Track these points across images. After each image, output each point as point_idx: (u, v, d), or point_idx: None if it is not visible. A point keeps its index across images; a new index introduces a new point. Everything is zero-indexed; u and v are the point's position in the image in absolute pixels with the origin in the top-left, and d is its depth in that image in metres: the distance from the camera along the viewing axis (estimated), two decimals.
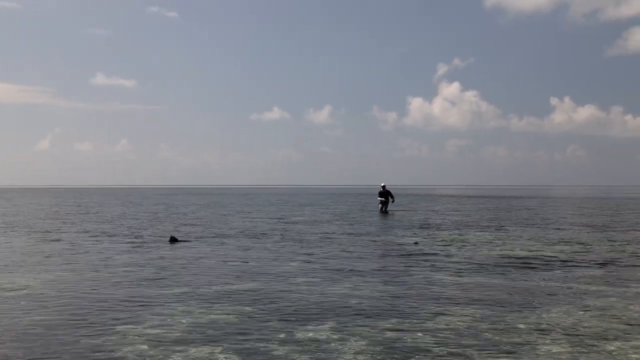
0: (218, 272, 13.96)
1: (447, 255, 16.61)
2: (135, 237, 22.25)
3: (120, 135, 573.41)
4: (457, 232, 23.46)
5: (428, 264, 15.15)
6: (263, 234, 23.54)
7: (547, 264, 14.90)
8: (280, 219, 33.45)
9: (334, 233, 23.67)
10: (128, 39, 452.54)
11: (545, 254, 16.81)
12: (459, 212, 41.87)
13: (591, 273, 13.63)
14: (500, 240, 20.32)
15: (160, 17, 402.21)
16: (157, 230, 25.49)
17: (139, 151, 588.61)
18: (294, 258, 16.17)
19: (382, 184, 35.17)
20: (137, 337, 8.30)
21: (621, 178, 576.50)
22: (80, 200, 73.98)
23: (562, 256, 16.30)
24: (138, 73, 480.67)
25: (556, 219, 31.99)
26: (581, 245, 18.81)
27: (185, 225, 28.99)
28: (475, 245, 19.17)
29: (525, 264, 14.94)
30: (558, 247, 18.28)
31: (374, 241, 20.62)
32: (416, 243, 19.38)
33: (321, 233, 23.68)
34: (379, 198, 35.35)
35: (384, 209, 35.19)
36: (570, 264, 14.96)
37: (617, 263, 15.05)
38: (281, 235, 22.90)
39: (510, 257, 16.23)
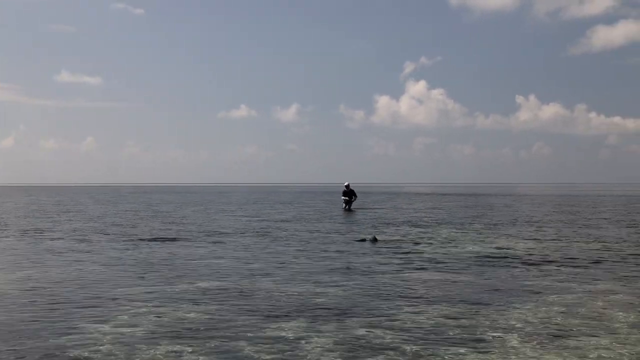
0: (196, 270, 13.92)
1: (414, 253, 16.71)
2: (130, 236, 22.07)
3: (86, 132, 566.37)
4: (422, 229, 23.59)
5: (394, 261, 15.23)
6: (264, 232, 23.48)
7: (514, 261, 15.05)
8: (264, 218, 33.35)
9: (298, 231, 23.68)
10: (93, 36, 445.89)
11: (512, 251, 16.98)
12: (425, 210, 42.12)
13: (557, 270, 13.80)
14: (466, 237, 20.47)
15: (126, 14, 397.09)
16: (148, 229, 25.31)
17: (105, 149, 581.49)
18: (259, 256, 16.17)
19: (346, 183, 35.32)
20: (104, 336, 8.24)
21: (585, 175, 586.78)
22: (54, 199, 73.13)
23: (528, 253, 16.47)
24: (103, 70, 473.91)
25: (522, 217, 32.31)
26: (546, 243, 19.03)
27: (174, 223, 28.81)
28: (441, 242, 19.29)
29: (492, 261, 15.09)
30: (524, 245, 18.47)
31: (340, 238, 20.65)
32: (374, 239, 19.41)
33: (293, 230, 23.68)
34: (343, 197, 35.45)
35: (347, 207, 35.32)
36: (536, 261, 15.13)
37: (583, 260, 15.26)
38: (265, 234, 22.86)
39: (476, 254, 16.38)
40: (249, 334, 8.35)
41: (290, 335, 8.31)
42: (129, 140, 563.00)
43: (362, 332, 8.47)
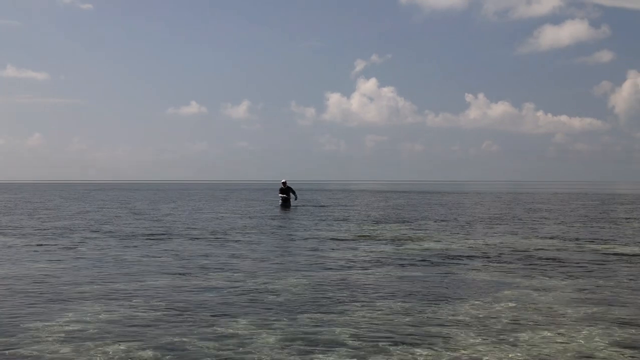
0: (147, 267, 13.75)
1: (362, 249, 16.77)
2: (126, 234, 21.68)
3: (33, 128, 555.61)
4: (372, 226, 23.65)
5: (343, 257, 15.27)
6: (204, 229, 23.24)
7: (464, 258, 15.21)
8: (202, 216, 33.11)
9: (248, 227, 23.58)
10: (40, 31, 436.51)
11: (461, 248, 17.17)
12: (375, 207, 42.33)
13: (507, 266, 14.01)
14: (417, 234, 20.59)
15: (74, 9, 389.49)
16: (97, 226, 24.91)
17: (52, 145, 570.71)
18: (214, 253, 16.07)
19: (283, 180, 35.06)
20: (51, 335, 8.08)
21: (532, 173, 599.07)
22: (14, 196, 71.68)
23: (477, 250, 16.68)
24: (50, 65, 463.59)
25: (472, 214, 32.73)
26: (495, 239, 19.27)
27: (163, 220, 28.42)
28: (390, 239, 19.37)
29: (442, 258, 15.23)
30: (473, 242, 18.68)
31: (286, 235, 20.61)
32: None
33: (234, 227, 23.55)
34: (280, 195, 35.24)
35: (285, 205, 35.11)
36: (485, 257, 15.33)
37: (531, 256, 15.51)
38: (203, 230, 22.68)
39: (426, 250, 16.51)
40: (199, 331, 8.29)
41: (240, 331, 8.28)
42: (76, 137, 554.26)
43: (312, 328, 8.48)
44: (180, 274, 12.95)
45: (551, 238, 19.77)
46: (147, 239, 19.41)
